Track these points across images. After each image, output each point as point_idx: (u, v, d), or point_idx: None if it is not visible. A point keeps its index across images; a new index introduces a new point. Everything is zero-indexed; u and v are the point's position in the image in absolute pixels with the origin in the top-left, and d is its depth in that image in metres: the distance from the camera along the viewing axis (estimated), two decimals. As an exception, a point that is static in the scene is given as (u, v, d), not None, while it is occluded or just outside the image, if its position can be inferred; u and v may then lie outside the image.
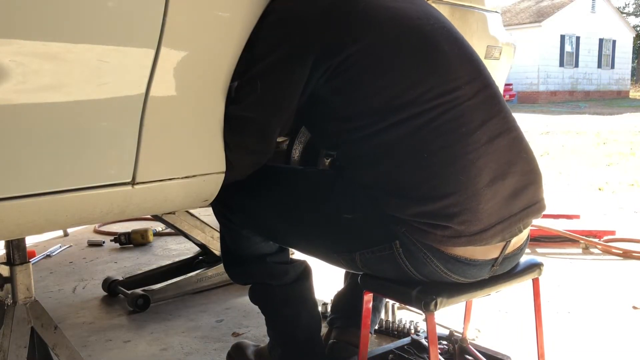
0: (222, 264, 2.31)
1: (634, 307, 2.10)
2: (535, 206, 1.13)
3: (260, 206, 1.29)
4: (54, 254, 2.93)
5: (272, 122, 1.15)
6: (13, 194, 0.89)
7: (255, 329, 1.91)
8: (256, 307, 1.46)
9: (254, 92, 1.12)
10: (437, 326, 1.88)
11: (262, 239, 1.35)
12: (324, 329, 1.58)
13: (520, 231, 1.13)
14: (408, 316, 1.92)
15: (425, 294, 1.08)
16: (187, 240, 2.43)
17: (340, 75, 1.08)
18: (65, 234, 3.35)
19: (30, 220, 0.95)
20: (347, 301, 1.60)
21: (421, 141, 1.05)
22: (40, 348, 1.30)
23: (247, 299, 1.46)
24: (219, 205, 1.33)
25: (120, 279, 2.30)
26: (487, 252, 1.10)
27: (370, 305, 1.22)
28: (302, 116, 1.22)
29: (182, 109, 1.08)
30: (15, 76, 0.85)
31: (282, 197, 1.28)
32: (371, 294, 1.22)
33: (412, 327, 1.79)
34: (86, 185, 0.97)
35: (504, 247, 1.12)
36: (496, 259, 1.13)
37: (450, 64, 1.10)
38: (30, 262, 1.31)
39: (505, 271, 1.21)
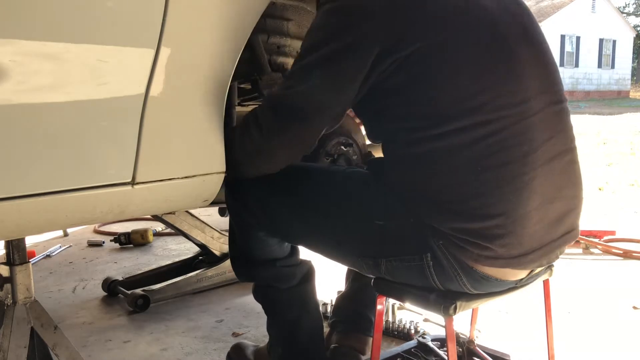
0: (222, 264, 2.36)
1: (634, 307, 2.10)
2: (572, 233, 1.10)
3: (283, 207, 1.25)
4: (54, 254, 2.93)
5: (325, 114, 1.08)
6: (13, 194, 0.89)
7: (255, 329, 1.91)
8: (256, 307, 1.46)
9: (307, 81, 1.05)
10: (436, 327, 1.88)
11: (276, 242, 1.32)
12: (325, 330, 1.57)
13: (557, 257, 1.10)
14: (408, 316, 1.92)
15: (444, 298, 1.07)
16: (187, 240, 2.43)
17: (405, 71, 1.01)
18: (65, 234, 3.35)
19: (30, 220, 0.95)
20: (350, 305, 1.59)
21: (479, 154, 0.98)
22: (40, 348, 1.29)
23: (247, 299, 1.47)
24: (237, 205, 1.30)
25: (120, 279, 2.30)
26: (518, 273, 1.08)
27: (383, 308, 1.21)
28: (355, 110, 1.16)
29: (182, 109, 1.08)
30: (15, 76, 0.85)
31: (308, 199, 1.22)
32: (384, 298, 1.21)
33: (412, 328, 1.79)
34: (86, 185, 0.97)
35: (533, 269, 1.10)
36: (522, 278, 1.11)
37: (523, 72, 1.02)
38: (30, 262, 1.30)
39: None
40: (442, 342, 1.58)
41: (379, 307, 1.19)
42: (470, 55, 1.01)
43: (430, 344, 1.55)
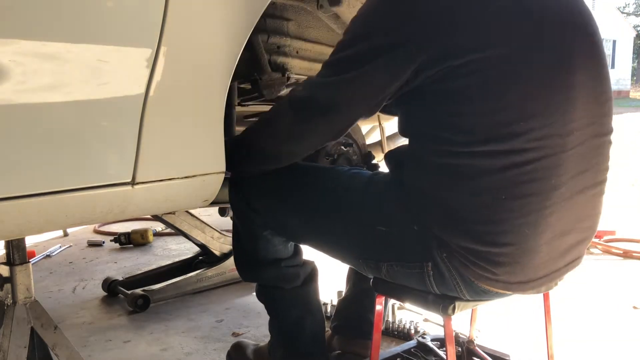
0: (222, 264, 2.36)
1: (634, 307, 2.10)
2: (576, 261, 1.09)
3: (287, 206, 1.25)
4: (54, 254, 2.93)
5: (358, 106, 1.05)
6: (13, 194, 0.89)
7: (255, 329, 1.91)
8: (256, 307, 1.46)
9: (340, 75, 1.02)
10: (436, 327, 1.88)
11: (281, 242, 1.32)
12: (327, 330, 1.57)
13: (556, 285, 1.09)
14: (408, 316, 1.92)
15: (442, 298, 1.07)
16: (187, 240, 2.43)
17: (451, 80, 0.93)
18: (65, 234, 3.35)
19: (30, 220, 0.95)
20: (353, 310, 1.58)
21: (507, 181, 0.93)
22: (40, 348, 1.29)
23: (247, 299, 1.47)
24: (242, 204, 1.30)
25: (120, 279, 2.30)
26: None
27: (382, 308, 1.21)
28: (396, 100, 1.07)
29: (182, 109, 1.08)
30: (15, 76, 0.85)
31: (312, 199, 1.22)
32: (383, 298, 1.21)
33: (412, 328, 1.79)
34: (86, 185, 0.97)
35: None
36: None
37: (577, 101, 0.94)
38: (30, 262, 1.30)
39: None
40: (442, 342, 1.58)
41: (377, 307, 1.20)
42: (532, 73, 0.93)
43: (430, 344, 1.55)
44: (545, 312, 1.29)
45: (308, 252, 1.36)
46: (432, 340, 1.57)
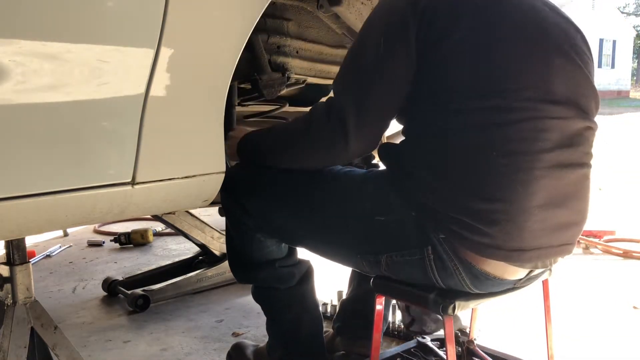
0: (222, 264, 2.36)
1: (634, 307, 2.10)
2: (569, 246, 1.11)
3: (282, 208, 1.25)
4: (54, 254, 2.93)
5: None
6: (13, 194, 0.89)
7: (255, 329, 1.91)
8: (256, 307, 1.46)
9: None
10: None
11: (274, 243, 1.32)
12: (327, 330, 1.57)
13: (551, 264, 1.12)
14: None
15: (443, 297, 1.07)
16: (187, 240, 2.43)
17: (445, 43, 1.03)
18: (65, 234, 3.35)
19: (30, 220, 0.95)
20: (357, 311, 1.57)
21: (496, 137, 1.00)
22: (40, 348, 1.29)
23: (247, 299, 1.47)
24: (234, 206, 1.30)
25: (120, 279, 2.30)
26: (515, 272, 1.08)
27: (382, 308, 1.21)
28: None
29: (182, 109, 1.08)
30: (15, 76, 0.85)
31: (306, 199, 1.22)
32: (383, 298, 1.21)
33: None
34: (86, 185, 0.97)
35: (531, 271, 1.11)
36: (521, 279, 1.12)
37: (556, 76, 1.04)
38: (30, 262, 1.30)
39: None
40: (442, 342, 1.58)
41: (378, 307, 1.19)
42: (515, 39, 1.03)
43: (430, 343, 1.55)
44: (546, 311, 1.29)
45: (303, 252, 1.36)
46: (433, 340, 1.57)
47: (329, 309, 1.93)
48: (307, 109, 1.85)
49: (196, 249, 2.50)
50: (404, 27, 1.05)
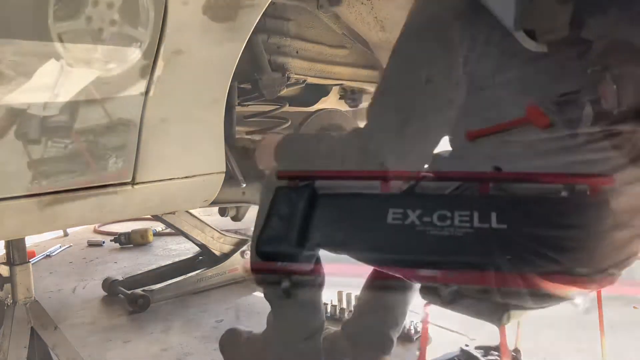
0: (222, 264, 2.35)
1: (634, 307, 2.10)
2: (632, 259, 1.11)
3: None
4: (54, 254, 2.93)
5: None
6: (13, 194, 0.89)
7: (255, 329, 1.91)
8: (256, 307, 1.47)
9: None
10: (437, 328, 1.87)
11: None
12: (327, 330, 1.57)
13: (617, 280, 1.12)
14: (408, 317, 1.91)
15: (496, 305, 1.05)
16: (187, 240, 2.43)
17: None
18: (65, 234, 3.35)
19: (30, 220, 0.95)
20: (373, 323, 1.54)
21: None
22: (40, 348, 1.29)
23: (247, 299, 1.47)
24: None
25: (120, 279, 2.30)
26: (580, 291, 1.07)
27: (429, 318, 1.19)
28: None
29: (182, 109, 1.08)
30: (15, 76, 0.85)
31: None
32: (429, 305, 1.17)
33: (412, 328, 1.80)
34: (86, 185, 0.97)
35: None
36: None
37: None
38: (30, 262, 1.31)
39: None
40: (487, 350, 1.55)
41: (425, 317, 1.15)
42: None
43: (474, 352, 1.51)
44: (600, 321, 1.27)
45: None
46: (476, 348, 1.54)
47: (329, 309, 1.93)
48: (307, 109, 1.84)
49: (196, 249, 2.50)
50: None
